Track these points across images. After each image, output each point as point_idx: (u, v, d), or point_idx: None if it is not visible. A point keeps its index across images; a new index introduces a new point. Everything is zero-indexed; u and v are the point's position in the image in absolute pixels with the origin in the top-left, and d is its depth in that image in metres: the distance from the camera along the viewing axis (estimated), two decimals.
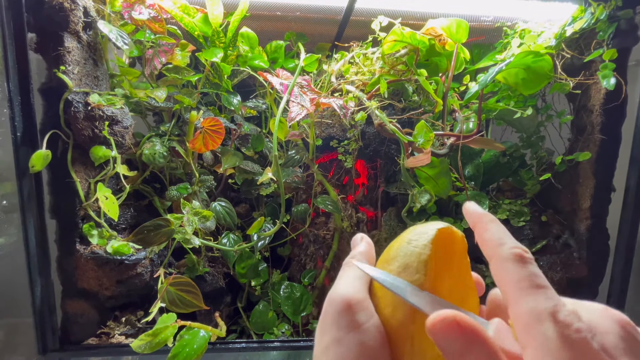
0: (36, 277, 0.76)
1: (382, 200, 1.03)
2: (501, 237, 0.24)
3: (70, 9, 0.72)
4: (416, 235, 0.26)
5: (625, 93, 0.81)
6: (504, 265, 0.22)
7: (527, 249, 0.23)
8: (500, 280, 0.23)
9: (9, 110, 0.70)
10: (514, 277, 0.22)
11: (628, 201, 0.87)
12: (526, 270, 0.22)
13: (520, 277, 0.21)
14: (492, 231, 0.25)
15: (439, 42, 0.85)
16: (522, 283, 0.21)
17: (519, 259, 0.22)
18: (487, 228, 0.25)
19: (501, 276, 0.22)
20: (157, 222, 0.73)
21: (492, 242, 0.24)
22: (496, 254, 0.23)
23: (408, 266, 0.25)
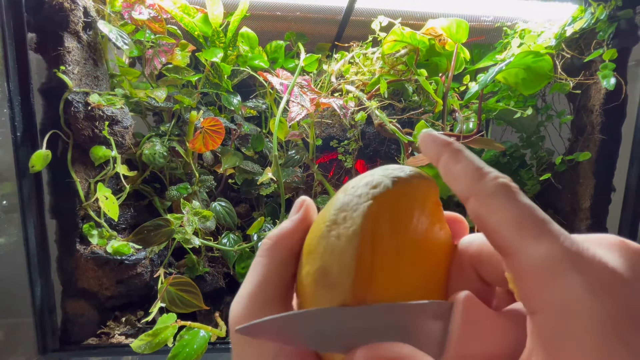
0: (36, 277, 0.76)
1: None
2: (479, 167, 0.18)
3: (70, 9, 0.72)
4: (343, 210, 0.17)
5: (625, 93, 0.81)
6: (491, 202, 0.17)
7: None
8: (487, 223, 0.17)
9: (9, 110, 0.70)
10: (509, 216, 0.16)
11: (628, 201, 0.87)
12: (524, 205, 0.16)
13: (519, 214, 0.16)
14: (464, 162, 0.19)
15: (439, 42, 0.85)
16: (524, 222, 0.16)
17: (511, 191, 0.17)
18: (457, 158, 0.19)
19: (489, 218, 0.17)
20: (157, 222, 0.73)
21: (468, 175, 0.18)
22: (477, 189, 0.17)
23: (327, 272, 0.17)
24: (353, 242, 0.16)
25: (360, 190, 0.18)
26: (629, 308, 0.14)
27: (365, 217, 0.17)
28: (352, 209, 0.17)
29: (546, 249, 0.15)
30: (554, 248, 0.15)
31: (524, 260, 0.16)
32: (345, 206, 0.17)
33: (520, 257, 0.16)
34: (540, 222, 0.16)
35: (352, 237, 0.16)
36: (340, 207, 0.18)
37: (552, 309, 0.15)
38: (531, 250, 0.15)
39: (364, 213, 0.17)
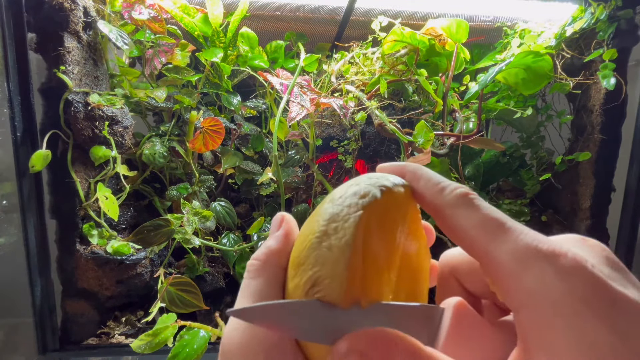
0: (36, 277, 0.76)
1: None
2: (437, 182, 0.19)
3: (70, 9, 0.72)
4: (334, 221, 0.17)
5: (625, 93, 0.81)
6: (455, 212, 0.18)
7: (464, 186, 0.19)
8: (456, 233, 0.18)
9: (9, 110, 0.70)
10: (473, 223, 0.17)
11: (628, 201, 0.87)
12: (484, 210, 0.18)
13: (481, 219, 0.17)
14: (423, 179, 0.20)
15: (439, 42, 0.85)
16: (487, 226, 0.17)
17: (469, 200, 0.18)
18: (416, 178, 0.20)
19: (456, 228, 0.18)
20: (157, 222, 0.74)
21: (429, 191, 0.19)
22: (439, 202, 0.19)
23: (318, 282, 0.17)
24: (346, 253, 0.16)
25: (349, 200, 0.18)
26: (597, 286, 0.15)
27: (357, 227, 0.17)
28: (342, 220, 0.17)
29: (511, 246, 0.16)
30: (517, 244, 0.16)
31: (494, 260, 0.16)
32: (335, 217, 0.17)
33: (491, 259, 0.17)
34: (500, 223, 0.17)
35: (344, 248, 0.16)
36: (329, 217, 0.18)
37: (529, 301, 0.15)
38: (498, 250, 0.16)
39: (355, 223, 0.17)
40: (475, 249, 0.17)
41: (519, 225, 0.17)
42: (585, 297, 0.14)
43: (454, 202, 0.18)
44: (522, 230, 0.17)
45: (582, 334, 0.14)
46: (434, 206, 0.19)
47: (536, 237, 0.16)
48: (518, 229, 0.17)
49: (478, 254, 0.17)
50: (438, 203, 0.19)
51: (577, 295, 0.14)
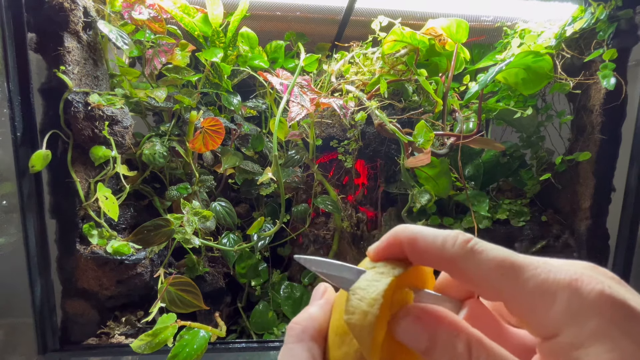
0: (36, 277, 0.76)
1: (382, 200, 1.03)
2: (435, 238, 0.20)
3: (70, 9, 0.72)
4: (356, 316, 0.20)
5: (625, 93, 0.81)
6: (466, 264, 0.19)
7: (458, 231, 0.20)
8: (472, 282, 0.19)
9: (9, 110, 0.70)
10: (488, 269, 0.18)
11: (628, 201, 0.87)
12: (492, 253, 0.19)
13: (495, 264, 0.18)
14: (421, 237, 0.21)
15: (439, 42, 0.85)
16: (502, 269, 0.18)
17: (473, 248, 0.19)
18: (413, 238, 0.21)
19: (471, 277, 0.19)
20: (157, 222, 0.73)
21: (432, 250, 0.20)
22: (447, 257, 0.20)
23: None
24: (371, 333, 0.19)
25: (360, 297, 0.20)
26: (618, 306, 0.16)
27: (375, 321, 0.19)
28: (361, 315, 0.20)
29: (531, 283, 0.18)
30: (537, 279, 0.18)
31: (519, 299, 0.18)
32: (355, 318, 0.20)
33: (515, 299, 0.18)
34: (511, 263, 0.18)
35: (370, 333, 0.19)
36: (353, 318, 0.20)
37: (561, 329, 0.17)
38: (520, 290, 0.18)
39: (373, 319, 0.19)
40: (497, 293, 0.19)
41: (528, 259, 0.18)
42: (611, 318, 0.16)
43: (461, 254, 0.19)
44: (533, 264, 0.18)
45: (615, 351, 0.15)
46: (442, 262, 0.20)
47: (551, 268, 0.18)
48: (531, 264, 0.18)
49: (501, 297, 0.19)
50: (445, 259, 0.20)
51: (604, 317, 0.16)
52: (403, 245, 0.21)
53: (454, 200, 0.96)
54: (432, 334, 0.19)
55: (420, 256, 0.21)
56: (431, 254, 0.20)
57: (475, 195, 0.92)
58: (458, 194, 0.93)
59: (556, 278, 0.17)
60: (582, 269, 0.18)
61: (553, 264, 0.18)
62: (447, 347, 0.19)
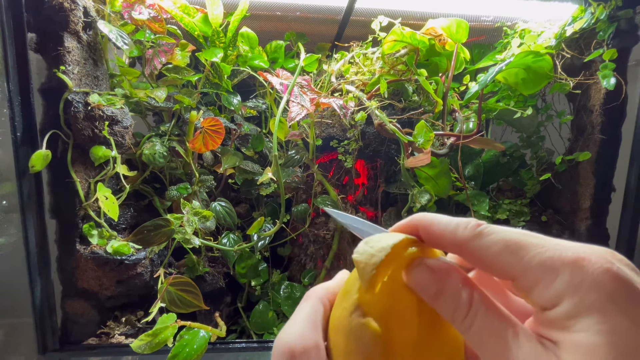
0: (36, 277, 0.76)
1: (382, 200, 1.03)
2: (448, 223, 0.22)
3: (70, 9, 0.72)
4: None
5: (625, 93, 0.81)
6: (477, 245, 0.20)
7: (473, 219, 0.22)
8: (482, 262, 0.21)
9: (9, 110, 0.70)
10: (497, 249, 0.20)
11: (628, 201, 0.87)
12: (500, 235, 0.20)
13: (503, 244, 0.20)
14: (436, 222, 0.22)
15: (439, 42, 0.85)
16: (510, 249, 0.19)
17: (483, 231, 0.21)
18: (429, 223, 0.23)
19: (481, 258, 0.21)
20: (157, 222, 0.73)
21: (446, 233, 0.22)
22: (458, 240, 0.21)
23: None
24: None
25: None
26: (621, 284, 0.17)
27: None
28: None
29: (536, 260, 0.19)
30: (542, 256, 0.19)
31: (525, 277, 0.19)
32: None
33: (522, 276, 0.19)
34: (519, 242, 0.20)
35: None
36: None
37: (559, 301, 0.18)
38: (527, 267, 0.19)
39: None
40: (505, 271, 0.20)
41: (537, 239, 0.19)
42: (611, 294, 0.17)
43: (471, 237, 0.21)
44: (542, 243, 0.19)
45: (606, 323, 0.16)
46: (454, 245, 0.22)
47: (558, 247, 0.19)
48: (538, 243, 0.19)
49: (509, 275, 0.20)
50: (457, 241, 0.21)
51: (603, 292, 0.17)
52: (419, 229, 0.23)
53: (454, 200, 0.96)
54: (441, 282, 0.21)
55: (435, 239, 0.23)
56: (445, 237, 0.22)
57: (475, 195, 0.92)
58: (458, 194, 0.93)
59: (562, 255, 0.18)
60: (596, 250, 0.19)
61: (564, 244, 0.19)
62: (452, 296, 0.21)
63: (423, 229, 0.23)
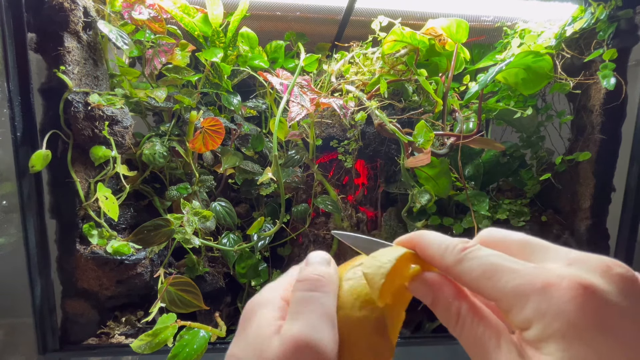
0: (36, 277, 0.76)
1: (382, 200, 1.03)
2: (439, 245, 0.24)
3: (70, 9, 0.72)
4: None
5: (625, 93, 0.81)
6: (461, 269, 0.22)
7: (464, 239, 0.24)
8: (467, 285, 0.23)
9: (9, 110, 0.70)
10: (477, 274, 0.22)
11: (628, 201, 0.87)
12: (482, 260, 0.22)
13: (482, 269, 0.21)
14: (429, 245, 0.25)
15: (439, 42, 0.85)
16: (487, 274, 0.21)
17: (467, 254, 0.22)
18: (425, 245, 0.25)
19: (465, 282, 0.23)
20: (157, 222, 0.73)
21: (436, 254, 0.24)
22: (446, 263, 0.23)
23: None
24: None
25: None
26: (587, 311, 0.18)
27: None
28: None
29: (510, 285, 0.20)
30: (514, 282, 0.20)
31: (501, 301, 0.21)
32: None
33: (499, 299, 0.21)
34: (496, 268, 0.21)
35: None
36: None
37: (529, 326, 0.19)
38: (502, 292, 0.20)
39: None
40: (487, 294, 0.21)
41: (514, 263, 0.21)
42: (574, 323, 0.18)
43: (454, 262, 0.23)
44: (516, 268, 0.21)
45: (566, 351, 0.18)
46: (442, 267, 0.24)
47: (531, 272, 0.20)
48: (512, 268, 0.21)
49: (490, 298, 0.21)
50: (444, 266, 0.24)
51: (566, 321, 0.18)
52: (415, 248, 0.25)
53: (454, 200, 0.96)
54: (435, 294, 0.24)
55: (428, 261, 0.25)
56: (435, 260, 0.24)
57: (475, 195, 0.92)
58: (458, 194, 0.93)
59: (532, 282, 0.20)
60: (571, 273, 0.20)
61: (540, 269, 0.20)
62: (444, 306, 0.23)
63: (419, 249, 0.25)
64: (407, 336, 0.92)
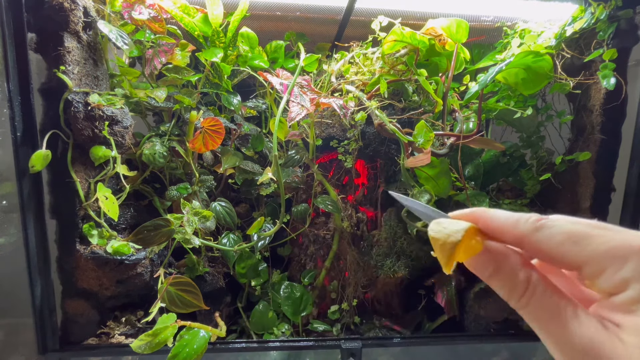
0: (36, 277, 0.76)
1: (382, 200, 1.03)
2: (509, 216, 0.23)
3: (70, 9, 0.72)
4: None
5: (625, 93, 0.81)
6: (539, 237, 0.21)
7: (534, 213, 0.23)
8: (544, 253, 0.22)
9: (9, 110, 0.70)
10: (560, 240, 0.21)
11: (628, 201, 0.87)
12: (563, 226, 0.21)
13: (566, 235, 0.21)
14: (496, 217, 0.24)
15: (439, 42, 0.85)
16: (573, 238, 0.20)
17: (545, 224, 0.22)
18: (489, 217, 0.24)
19: (543, 249, 0.21)
20: (157, 222, 0.73)
21: (507, 227, 0.23)
22: (520, 233, 0.22)
23: None
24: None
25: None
26: None
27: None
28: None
29: (603, 248, 0.19)
30: (610, 244, 0.20)
31: (591, 264, 0.20)
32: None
33: (587, 264, 0.20)
34: (583, 232, 0.20)
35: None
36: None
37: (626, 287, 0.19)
38: (592, 255, 0.20)
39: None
40: (570, 260, 0.21)
41: (600, 229, 0.20)
42: None
43: (532, 229, 0.22)
44: (605, 233, 0.20)
45: None
46: (515, 238, 0.23)
47: (624, 235, 0.20)
48: (601, 234, 0.20)
49: (573, 264, 0.21)
50: (518, 234, 0.23)
51: None
52: (479, 222, 0.25)
53: (454, 200, 0.96)
54: (498, 262, 0.23)
55: (496, 232, 0.24)
56: (505, 230, 0.23)
57: (475, 195, 0.92)
58: (458, 194, 0.93)
59: (630, 243, 0.19)
60: None
61: (630, 232, 0.20)
62: (509, 275, 0.22)
63: (483, 222, 0.24)
64: (407, 336, 0.92)
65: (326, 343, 0.86)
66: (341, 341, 0.86)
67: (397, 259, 0.96)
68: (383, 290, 0.99)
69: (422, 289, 0.99)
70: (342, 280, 1.00)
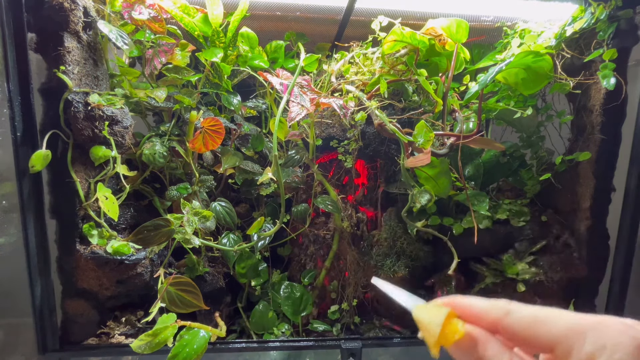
0: (36, 277, 0.76)
1: (382, 200, 1.03)
2: (482, 304, 0.27)
3: (70, 9, 0.72)
4: None
5: (625, 93, 0.81)
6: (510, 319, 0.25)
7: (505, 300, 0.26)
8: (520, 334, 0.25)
9: (9, 110, 0.70)
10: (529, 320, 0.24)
11: (628, 201, 0.87)
12: (528, 309, 0.24)
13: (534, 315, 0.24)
14: (472, 306, 0.27)
15: (439, 42, 0.85)
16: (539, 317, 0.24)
17: (512, 308, 0.25)
18: (467, 305, 0.27)
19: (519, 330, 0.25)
20: (157, 222, 0.73)
21: (482, 313, 0.26)
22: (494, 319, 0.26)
23: None
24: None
25: None
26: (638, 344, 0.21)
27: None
28: None
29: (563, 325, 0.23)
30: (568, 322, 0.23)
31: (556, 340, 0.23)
32: None
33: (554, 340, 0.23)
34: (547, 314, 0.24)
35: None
36: None
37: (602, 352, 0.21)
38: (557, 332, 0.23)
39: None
40: (542, 340, 0.23)
41: (557, 311, 0.24)
42: (630, 353, 0.20)
43: (505, 311, 0.25)
44: (562, 313, 0.24)
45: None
46: (490, 324, 0.26)
47: (579, 315, 0.23)
48: (560, 314, 0.24)
49: (546, 345, 0.23)
50: (492, 320, 0.26)
51: (624, 351, 0.20)
52: (456, 310, 0.28)
53: (454, 200, 0.96)
54: (484, 347, 0.25)
55: (473, 319, 0.27)
56: (481, 316, 0.26)
57: (475, 195, 0.92)
58: (458, 193, 0.93)
59: (584, 320, 0.22)
60: (610, 317, 0.22)
61: (580, 314, 0.23)
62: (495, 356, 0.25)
63: (460, 310, 0.27)
64: (407, 336, 0.92)
65: (326, 343, 0.86)
66: (341, 341, 0.86)
67: (397, 259, 0.96)
68: None
69: (422, 289, 0.99)
70: (342, 280, 1.00)
